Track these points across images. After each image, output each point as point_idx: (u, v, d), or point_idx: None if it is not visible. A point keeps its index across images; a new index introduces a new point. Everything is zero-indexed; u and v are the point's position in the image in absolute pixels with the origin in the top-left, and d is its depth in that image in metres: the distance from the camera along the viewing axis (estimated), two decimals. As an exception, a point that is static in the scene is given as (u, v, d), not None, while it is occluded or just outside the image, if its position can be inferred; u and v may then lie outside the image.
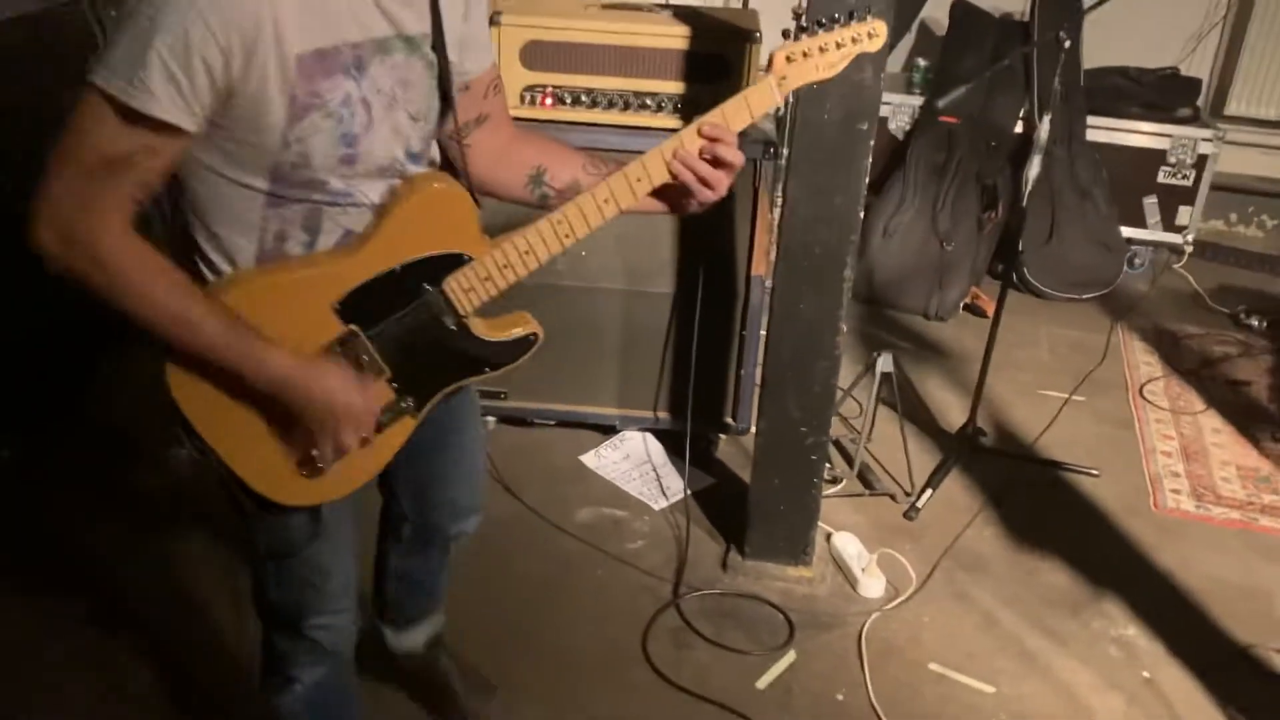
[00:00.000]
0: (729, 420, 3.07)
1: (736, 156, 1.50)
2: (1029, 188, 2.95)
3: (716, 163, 1.50)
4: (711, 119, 1.49)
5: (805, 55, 1.49)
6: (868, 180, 2.36)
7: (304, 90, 1.28)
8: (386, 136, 1.40)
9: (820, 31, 1.49)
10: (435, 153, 1.57)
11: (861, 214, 2.38)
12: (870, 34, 1.50)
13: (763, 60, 2.76)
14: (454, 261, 1.48)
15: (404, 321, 1.48)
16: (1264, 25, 4.51)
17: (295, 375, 1.38)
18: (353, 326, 1.45)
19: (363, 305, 1.44)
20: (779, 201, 2.61)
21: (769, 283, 2.68)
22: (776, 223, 2.64)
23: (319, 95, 1.29)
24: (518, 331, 1.62)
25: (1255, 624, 2.60)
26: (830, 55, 1.50)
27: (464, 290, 1.50)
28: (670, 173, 1.51)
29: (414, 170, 1.47)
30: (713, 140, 1.48)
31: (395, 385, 1.52)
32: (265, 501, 1.51)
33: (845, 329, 2.50)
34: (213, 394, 1.41)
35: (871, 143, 2.32)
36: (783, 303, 2.49)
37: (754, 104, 1.50)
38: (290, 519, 1.56)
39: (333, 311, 1.43)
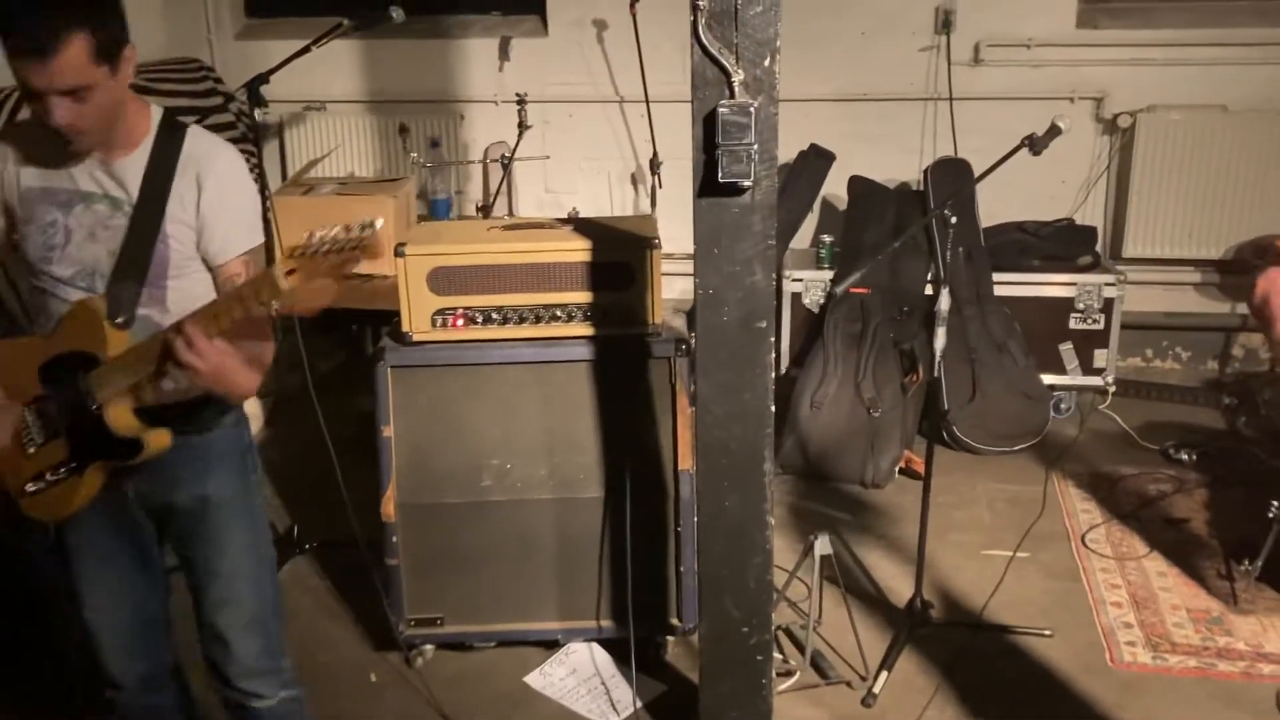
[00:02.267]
0: (674, 621, 3.01)
1: (193, 358, 1.80)
2: (939, 357, 3.01)
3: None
4: (189, 322, 1.81)
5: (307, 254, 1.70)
6: (775, 374, 2.40)
7: (24, 210, 1.99)
8: (82, 257, 1.97)
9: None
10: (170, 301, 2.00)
11: (772, 408, 2.40)
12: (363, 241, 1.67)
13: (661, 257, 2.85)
14: (92, 358, 1.92)
15: (69, 395, 1.94)
16: (1145, 169, 4.72)
17: None
18: (47, 389, 1.98)
19: (52, 375, 1.97)
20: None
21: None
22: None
23: (34, 215, 1.98)
24: (128, 433, 1.94)
25: (1228, 780, 2.54)
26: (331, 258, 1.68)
27: (96, 382, 1.92)
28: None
29: None
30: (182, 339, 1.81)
31: (69, 445, 1.97)
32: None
33: (773, 521, 2.48)
34: None
35: (772, 339, 2.36)
36: (707, 502, 2.48)
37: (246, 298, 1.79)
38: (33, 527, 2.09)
39: (39, 374, 1.98)
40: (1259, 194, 4.65)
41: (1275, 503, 3.13)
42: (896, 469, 4.09)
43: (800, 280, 4.47)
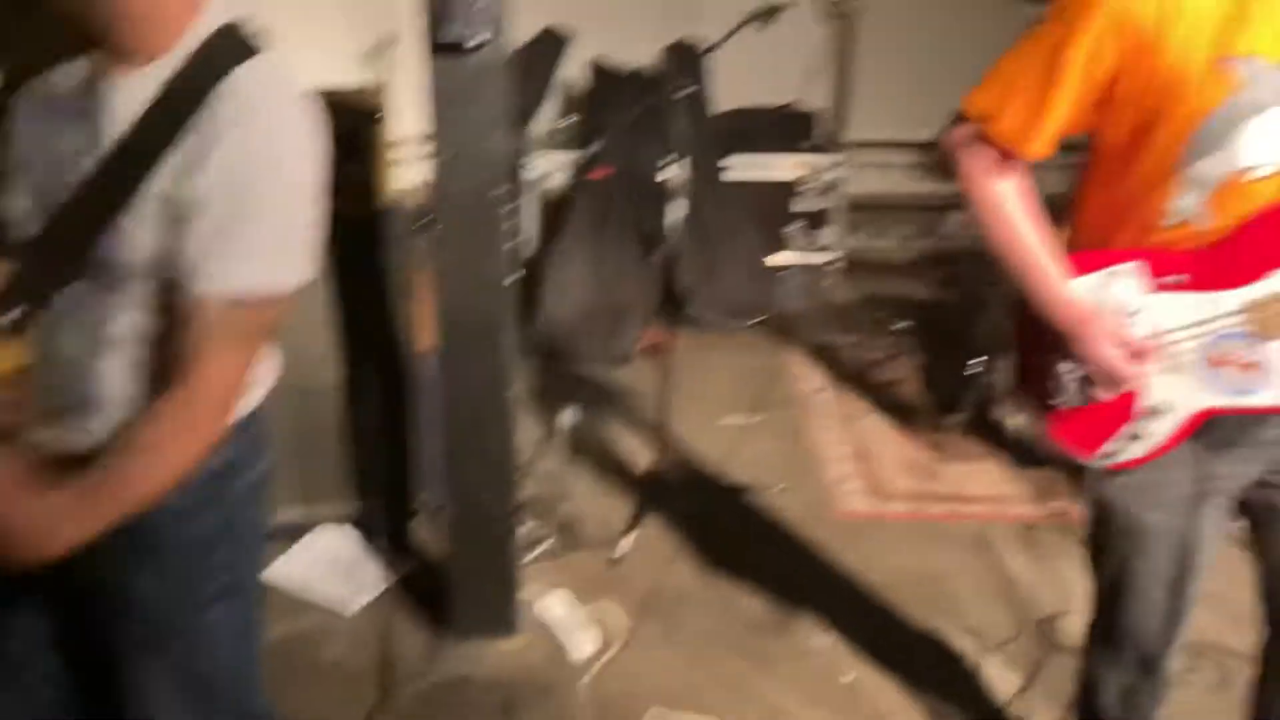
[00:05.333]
0: (420, 499, 2.99)
1: None
2: (674, 232, 3.08)
3: None
4: None
5: None
6: (513, 243, 2.38)
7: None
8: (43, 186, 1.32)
9: None
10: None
11: (513, 277, 2.39)
12: None
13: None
14: None
15: None
16: (867, 56, 4.96)
17: None
18: None
19: None
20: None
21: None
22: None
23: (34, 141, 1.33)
24: None
25: (935, 607, 2.79)
26: None
27: None
28: None
29: None
30: None
31: None
32: None
33: (517, 393, 2.49)
34: None
35: (510, 206, 2.34)
36: (450, 376, 2.46)
37: None
38: None
39: None
40: (975, 77, 4.96)
41: (970, 362, 3.43)
42: (639, 348, 4.19)
43: (542, 164, 4.44)
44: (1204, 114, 1.53)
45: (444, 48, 2.16)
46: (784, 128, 4.70)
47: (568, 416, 3.00)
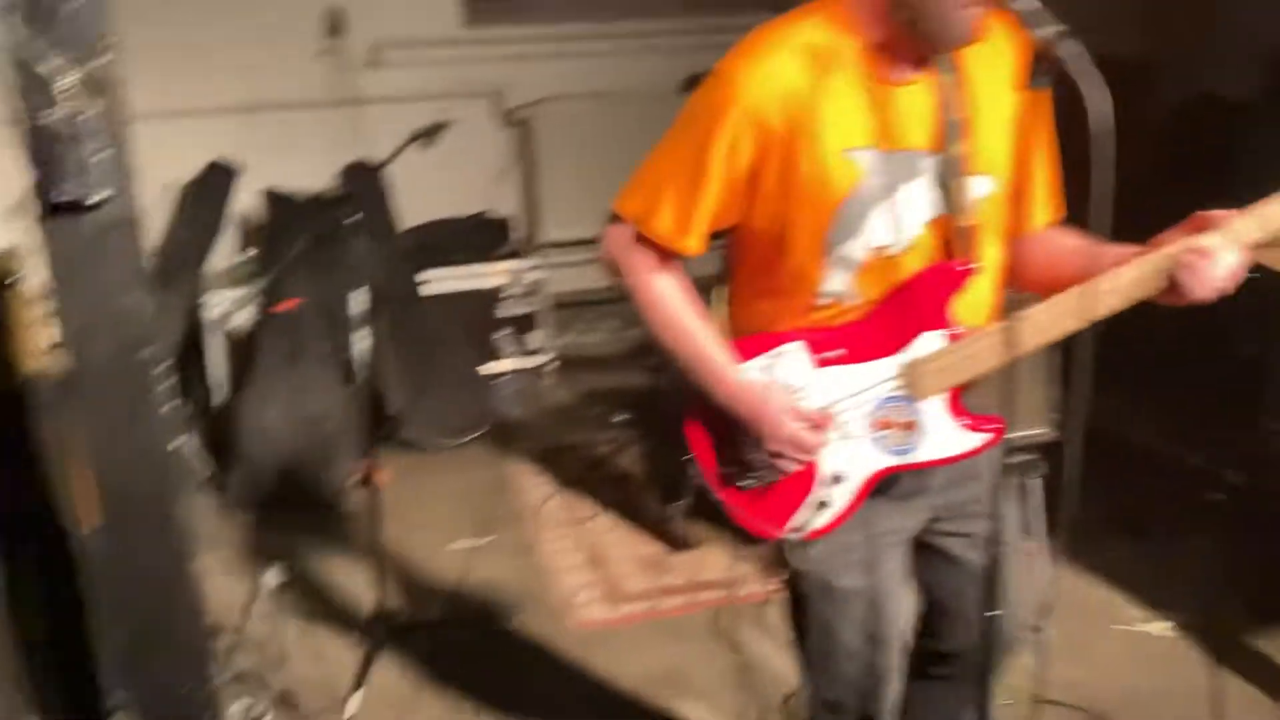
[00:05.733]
0: (107, 704, 2.66)
1: None
2: (365, 359, 2.96)
3: None
4: None
5: None
6: (175, 403, 2.18)
7: None
8: None
9: None
10: None
11: (173, 443, 2.17)
12: None
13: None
14: None
15: None
16: (549, 158, 5.03)
17: None
18: None
19: None
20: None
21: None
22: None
23: None
24: None
25: (684, 703, 2.75)
26: None
27: None
28: None
29: None
30: None
31: None
32: None
33: (199, 567, 2.26)
34: None
35: (162, 367, 2.14)
36: (120, 559, 2.20)
37: None
38: None
39: None
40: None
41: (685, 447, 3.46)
42: (353, 481, 3.98)
43: (223, 303, 4.20)
44: (837, 202, 1.62)
45: (60, 208, 1.96)
46: (478, 237, 4.70)
47: (273, 574, 2.77)
